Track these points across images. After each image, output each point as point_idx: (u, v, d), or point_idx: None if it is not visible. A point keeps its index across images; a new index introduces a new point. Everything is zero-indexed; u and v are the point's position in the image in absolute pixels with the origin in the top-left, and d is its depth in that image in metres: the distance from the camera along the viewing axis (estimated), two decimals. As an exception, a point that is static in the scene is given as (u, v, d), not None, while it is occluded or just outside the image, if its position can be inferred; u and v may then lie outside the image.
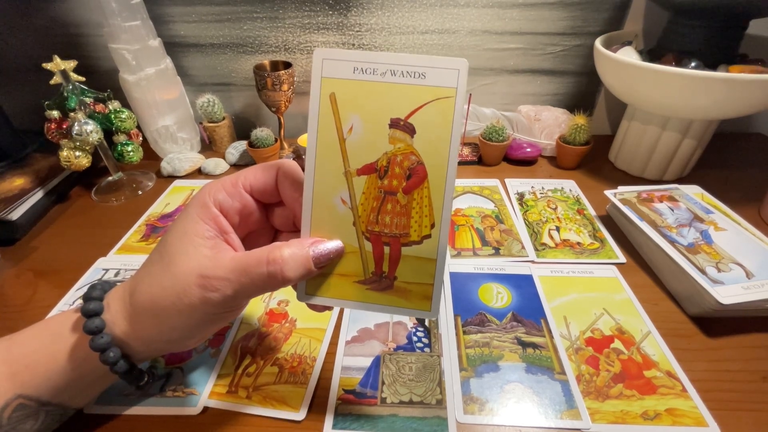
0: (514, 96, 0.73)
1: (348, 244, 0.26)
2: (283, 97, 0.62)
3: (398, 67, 0.24)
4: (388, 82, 0.24)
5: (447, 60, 0.23)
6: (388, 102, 0.24)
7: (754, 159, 0.67)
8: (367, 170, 0.25)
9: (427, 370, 0.36)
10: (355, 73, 0.24)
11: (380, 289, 0.26)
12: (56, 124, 0.53)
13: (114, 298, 0.28)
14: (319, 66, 0.24)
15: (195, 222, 0.26)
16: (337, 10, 0.65)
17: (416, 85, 0.24)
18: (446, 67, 0.23)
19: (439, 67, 0.23)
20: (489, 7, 0.64)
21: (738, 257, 0.41)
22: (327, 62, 0.24)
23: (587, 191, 0.59)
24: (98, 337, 0.26)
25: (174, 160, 0.64)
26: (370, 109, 0.24)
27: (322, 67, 0.24)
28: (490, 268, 0.46)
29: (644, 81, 0.51)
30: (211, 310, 0.25)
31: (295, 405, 0.33)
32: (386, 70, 0.24)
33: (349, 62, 0.24)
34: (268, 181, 0.28)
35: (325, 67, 0.24)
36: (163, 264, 0.26)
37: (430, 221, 0.25)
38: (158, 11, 0.64)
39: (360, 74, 0.24)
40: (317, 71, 0.24)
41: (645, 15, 0.63)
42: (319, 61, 0.24)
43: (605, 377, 0.35)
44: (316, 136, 0.25)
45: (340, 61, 0.24)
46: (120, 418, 0.33)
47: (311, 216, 0.26)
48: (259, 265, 0.24)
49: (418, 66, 0.24)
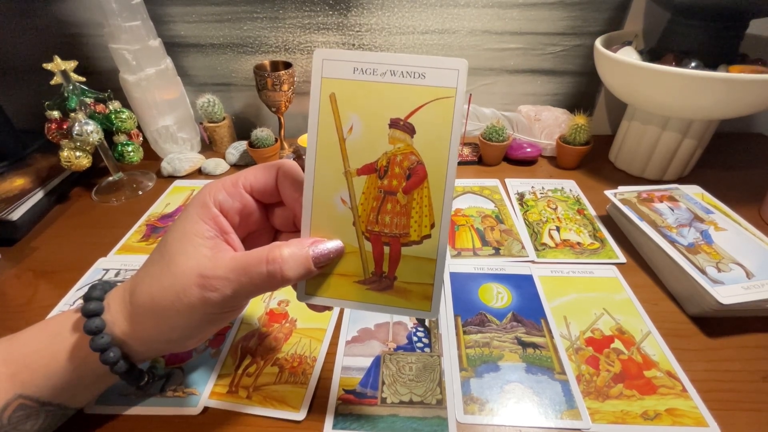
0: (514, 96, 0.73)
1: (348, 244, 0.26)
2: (283, 97, 0.62)
3: (398, 68, 0.24)
4: (388, 83, 0.24)
5: (447, 60, 0.23)
6: (388, 102, 0.24)
7: (754, 159, 0.67)
8: (367, 170, 0.25)
9: (427, 370, 0.36)
10: (355, 73, 0.24)
11: (380, 289, 0.26)
12: (57, 124, 0.53)
13: (114, 298, 0.28)
14: (319, 66, 0.24)
15: (195, 222, 0.26)
16: (337, 10, 0.65)
17: (416, 85, 0.24)
18: (446, 67, 0.23)
19: (438, 67, 0.23)
20: (489, 7, 0.64)
21: (738, 257, 0.41)
22: (327, 62, 0.24)
23: (587, 191, 0.59)
24: (98, 337, 0.26)
25: (174, 160, 0.64)
26: (370, 109, 0.24)
27: (322, 67, 0.24)
28: (490, 268, 0.46)
29: (644, 81, 0.51)
30: (210, 310, 0.25)
31: (296, 405, 0.33)
32: (386, 70, 0.24)
33: (349, 62, 0.24)
34: (268, 181, 0.28)
35: (325, 68, 0.24)
36: (163, 264, 0.26)
37: (429, 221, 0.25)
38: (158, 11, 0.65)
39: (360, 74, 0.24)
40: (317, 71, 0.24)
41: (645, 15, 0.63)
42: (319, 62, 0.24)
43: (605, 377, 0.35)
44: (316, 136, 0.25)
45: (340, 62, 0.24)
46: (120, 418, 0.33)
47: (311, 216, 0.26)
48: (259, 265, 0.24)
49: (417, 66, 0.24)
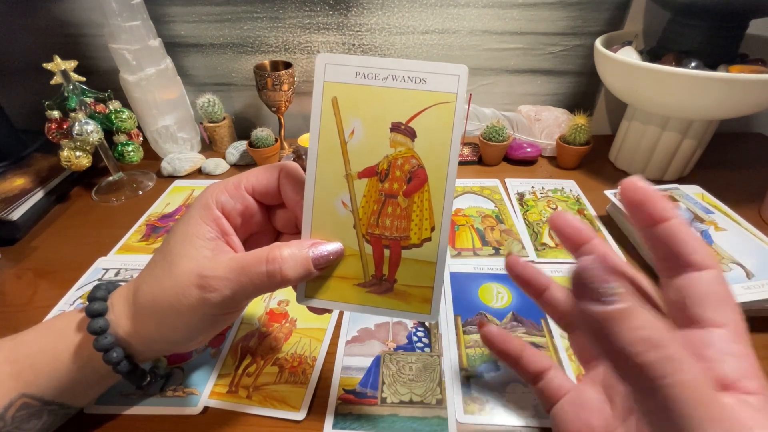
0: (514, 96, 0.73)
1: (348, 246, 0.26)
2: (284, 97, 0.62)
3: (399, 73, 0.24)
4: (390, 87, 0.24)
5: (447, 66, 0.24)
6: (389, 106, 0.24)
7: (754, 159, 0.67)
8: (368, 173, 0.25)
9: (427, 370, 0.36)
10: (357, 77, 0.24)
11: (380, 292, 0.26)
12: (57, 124, 0.53)
13: (118, 298, 0.28)
14: (322, 70, 0.24)
15: (197, 223, 0.26)
16: (337, 10, 0.65)
17: (417, 90, 0.24)
18: (447, 72, 0.24)
19: (439, 72, 0.24)
20: (489, 7, 0.64)
21: (738, 257, 0.41)
22: (329, 67, 0.24)
23: (587, 191, 0.59)
24: (102, 337, 0.26)
25: (174, 160, 0.64)
26: (371, 113, 0.24)
27: (325, 71, 0.24)
28: (490, 268, 0.46)
29: (644, 81, 0.51)
30: (209, 311, 0.25)
31: (296, 405, 0.33)
32: (388, 75, 0.24)
33: (351, 67, 0.24)
34: (270, 183, 0.28)
35: (327, 72, 0.24)
36: (164, 265, 0.26)
37: (430, 224, 0.25)
38: (158, 11, 0.64)
39: (362, 79, 0.24)
40: (320, 75, 0.24)
41: (645, 15, 0.63)
42: (321, 66, 0.24)
43: (605, 377, 0.35)
44: (318, 140, 0.25)
45: (342, 66, 0.24)
46: (120, 418, 0.33)
47: (312, 218, 0.26)
48: (259, 264, 0.24)
49: (419, 72, 0.24)
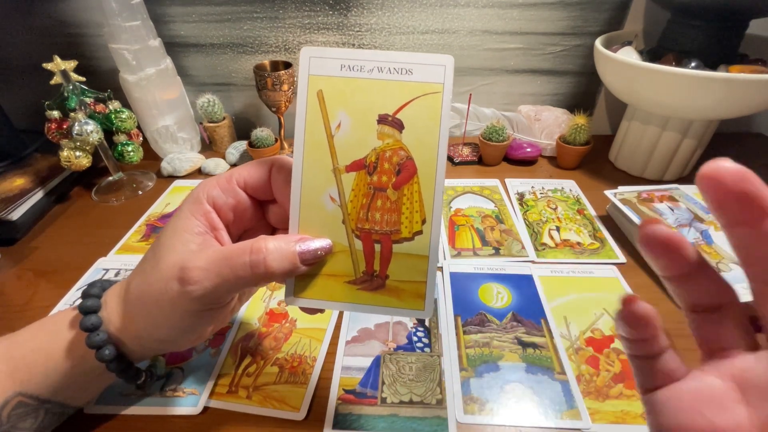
0: (514, 96, 0.73)
1: (338, 243, 0.25)
2: (283, 97, 0.62)
3: (385, 64, 0.24)
4: (376, 79, 0.24)
5: (433, 56, 0.23)
6: (375, 98, 0.24)
7: (754, 159, 0.67)
8: (356, 167, 0.25)
9: (427, 370, 0.36)
10: (342, 70, 0.24)
11: (372, 288, 0.25)
12: (56, 124, 0.53)
13: (112, 295, 0.28)
14: (306, 64, 0.24)
15: (186, 218, 0.26)
16: (337, 10, 0.65)
17: (403, 81, 0.24)
18: (432, 63, 0.23)
19: (425, 63, 0.23)
20: (489, 7, 0.64)
21: (738, 257, 0.41)
22: (314, 60, 0.24)
23: (587, 191, 0.59)
24: (94, 334, 0.26)
25: (174, 160, 0.64)
26: (357, 106, 0.24)
27: (309, 64, 0.24)
28: (490, 268, 0.46)
29: (644, 81, 0.51)
30: (189, 306, 0.24)
31: (295, 405, 0.33)
32: (373, 67, 0.24)
33: (336, 60, 0.24)
34: (262, 177, 0.27)
35: (312, 65, 0.24)
36: (153, 260, 0.26)
37: (420, 217, 0.25)
38: (158, 11, 0.64)
39: (347, 71, 0.24)
40: (304, 69, 0.24)
41: (645, 15, 0.63)
42: (306, 59, 0.24)
43: (605, 377, 0.35)
44: (304, 134, 0.24)
45: (327, 59, 0.24)
46: (120, 418, 0.33)
47: (299, 214, 0.25)
48: (242, 254, 0.23)
49: (404, 63, 0.24)
